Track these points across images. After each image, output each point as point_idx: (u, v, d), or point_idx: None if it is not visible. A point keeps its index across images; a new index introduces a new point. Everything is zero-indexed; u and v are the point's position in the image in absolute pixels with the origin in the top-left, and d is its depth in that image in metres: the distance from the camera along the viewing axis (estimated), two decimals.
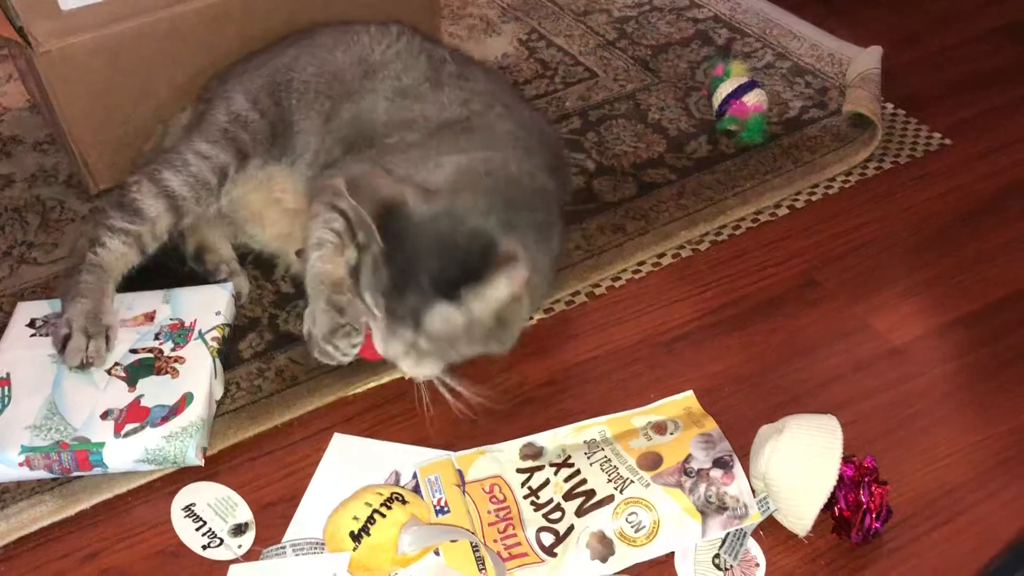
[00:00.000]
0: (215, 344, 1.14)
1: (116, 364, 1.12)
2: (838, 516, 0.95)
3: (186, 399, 1.07)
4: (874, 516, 0.93)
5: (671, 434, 1.02)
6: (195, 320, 1.16)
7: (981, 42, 1.66)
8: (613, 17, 1.76)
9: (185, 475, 1.06)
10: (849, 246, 1.30)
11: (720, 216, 1.35)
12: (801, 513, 0.94)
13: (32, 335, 1.17)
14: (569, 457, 1.02)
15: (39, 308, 1.20)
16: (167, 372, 1.11)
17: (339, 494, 0.99)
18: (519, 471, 1.02)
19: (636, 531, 0.94)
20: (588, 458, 1.01)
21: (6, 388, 1.10)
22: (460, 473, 1.02)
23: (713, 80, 1.50)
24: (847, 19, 1.72)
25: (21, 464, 1.03)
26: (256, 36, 1.41)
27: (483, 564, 0.92)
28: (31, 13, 1.25)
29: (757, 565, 0.95)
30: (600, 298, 1.25)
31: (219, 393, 1.13)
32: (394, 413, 1.12)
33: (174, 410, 1.06)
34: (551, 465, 1.02)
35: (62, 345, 1.11)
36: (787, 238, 1.32)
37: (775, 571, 0.95)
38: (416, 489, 1.01)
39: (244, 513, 1.02)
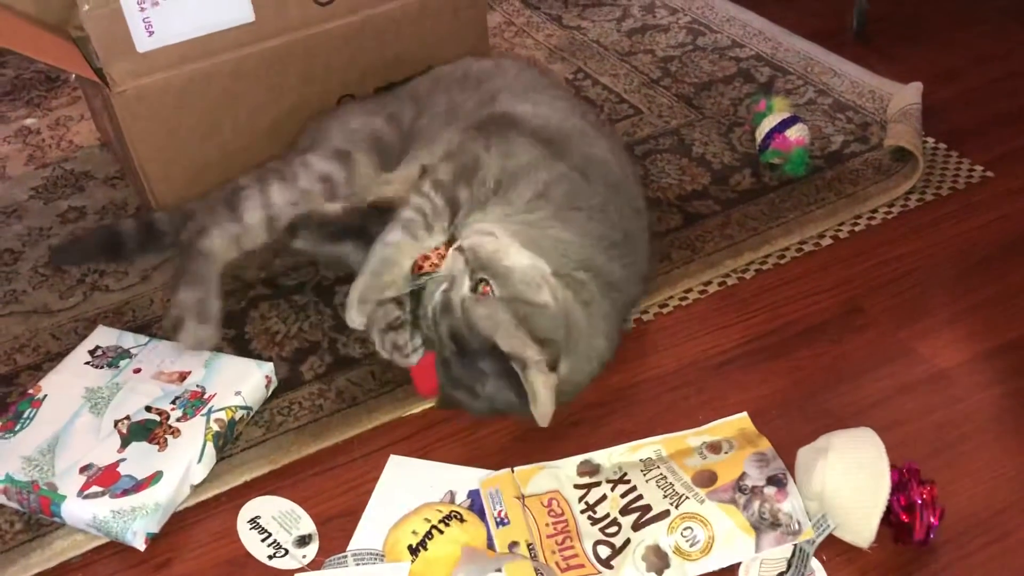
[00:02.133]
0: (215, 427, 1.11)
1: (126, 417, 1.12)
2: (895, 522, 0.97)
3: (154, 478, 1.05)
4: (931, 511, 0.96)
5: (725, 453, 1.05)
6: (215, 394, 1.14)
7: (1020, 78, 1.69)
8: (657, 57, 1.82)
9: (250, 489, 1.11)
10: (893, 274, 1.33)
11: (765, 246, 1.38)
12: (863, 525, 0.96)
13: (87, 362, 1.20)
14: (625, 474, 1.05)
15: (109, 336, 1.24)
16: (158, 442, 1.09)
17: (397, 511, 1.03)
18: (576, 487, 1.05)
19: (691, 545, 0.97)
20: (644, 475, 1.04)
21: (35, 411, 1.14)
22: (519, 488, 1.06)
23: (756, 115, 1.54)
24: (887, 57, 1.76)
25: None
26: (317, 76, 1.48)
27: (542, 575, 0.95)
28: (110, 55, 1.33)
29: None
30: (648, 324, 1.29)
31: (199, 478, 1.09)
32: (447, 433, 1.16)
33: (138, 485, 1.05)
34: (608, 482, 1.05)
35: (174, 328, 1.20)
36: (831, 267, 1.35)
37: None
38: (471, 508, 1.05)
39: (307, 525, 1.06)
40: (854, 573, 0.98)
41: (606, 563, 0.98)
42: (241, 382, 1.16)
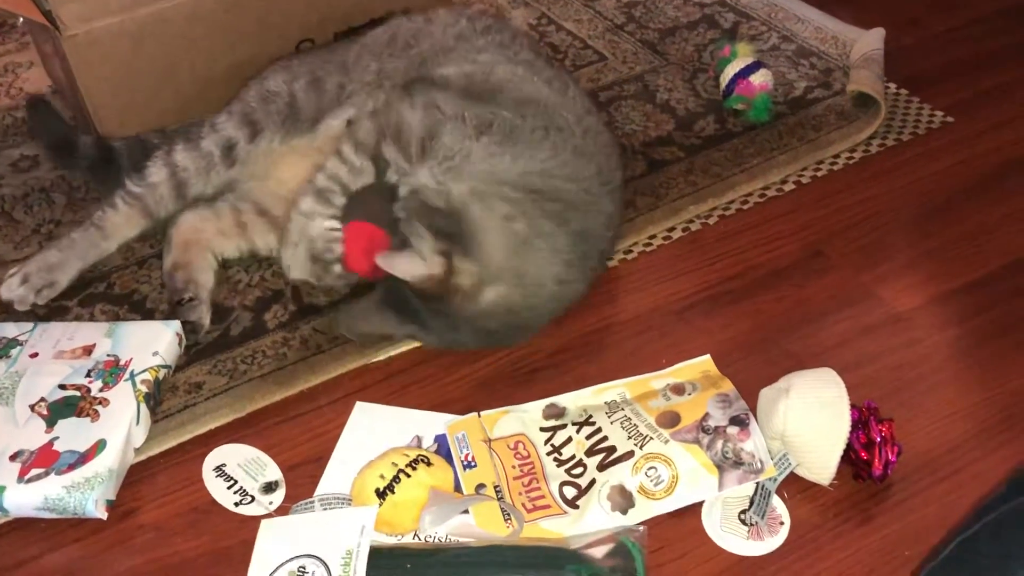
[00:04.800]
0: (144, 388, 1.09)
1: (42, 400, 1.08)
2: (855, 459, 1.00)
3: (98, 447, 1.03)
4: (889, 448, 0.99)
5: (689, 395, 1.06)
6: (131, 359, 1.12)
7: (981, 24, 1.70)
8: (621, 2, 1.80)
9: (215, 438, 1.10)
10: (854, 219, 1.34)
11: (728, 192, 1.39)
12: (825, 462, 0.99)
13: None
14: (591, 417, 1.06)
15: None
16: (88, 414, 1.06)
17: (364, 457, 1.03)
18: (542, 430, 1.06)
19: (655, 485, 0.98)
20: (609, 417, 1.05)
21: None
22: (485, 431, 1.06)
23: (720, 61, 1.53)
24: (849, 3, 1.76)
25: None
26: (275, 22, 1.45)
27: (508, 516, 0.96)
28: None
29: (782, 523, 0.99)
30: (613, 269, 1.29)
31: (139, 440, 1.08)
32: (412, 380, 1.16)
33: (83, 457, 1.02)
34: (573, 424, 1.06)
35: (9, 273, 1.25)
36: (794, 212, 1.36)
37: (798, 526, 0.99)
38: (437, 452, 1.05)
39: (274, 472, 1.06)
40: (815, 510, 1.00)
41: (572, 503, 0.99)
42: (155, 343, 1.14)
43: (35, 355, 1.14)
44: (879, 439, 0.98)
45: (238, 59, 1.43)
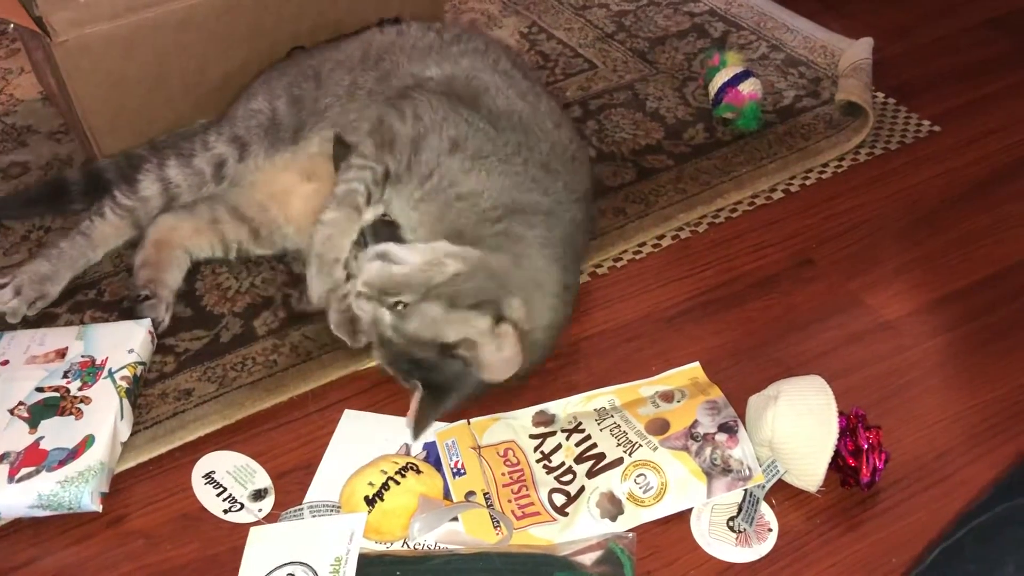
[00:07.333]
0: (124, 384, 1.11)
1: (20, 403, 1.09)
2: (843, 466, 1.00)
3: (87, 442, 1.04)
4: (877, 455, 0.99)
5: (678, 402, 1.07)
6: (106, 358, 1.13)
7: (969, 34, 1.72)
8: (611, 11, 1.81)
9: (204, 445, 1.10)
10: (842, 227, 1.35)
11: (717, 199, 1.39)
12: (812, 468, 0.99)
13: None
14: (580, 424, 1.06)
15: None
16: (71, 413, 1.07)
17: (353, 464, 1.03)
18: (532, 437, 1.07)
19: (644, 492, 0.99)
20: (598, 424, 1.05)
21: None
22: (475, 438, 1.06)
23: (709, 70, 1.54)
24: (839, 12, 1.77)
25: None
26: (267, 28, 1.45)
27: (498, 523, 0.96)
28: (50, 3, 1.28)
29: (770, 530, 0.99)
30: (603, 277, 1.30)
31: (125, 435, 1.09)
32: (401, 388, 1.15)
33: (73, 453, 1.03)
34: (563, 431, 1.06)
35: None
36: (782, 220, 1.37)
37: (785, 533, 0.99)
38: (427, 459, 1.05)
39: (263, 479, 1.06)
40: (803, 516, 1.01)
41: (561, 510, 0.99)
42: (130, 341, 1.15)
43: (5, 362, 1.15)
44: (867, 446, 0.99)
45: (230, 66, 1.43)
